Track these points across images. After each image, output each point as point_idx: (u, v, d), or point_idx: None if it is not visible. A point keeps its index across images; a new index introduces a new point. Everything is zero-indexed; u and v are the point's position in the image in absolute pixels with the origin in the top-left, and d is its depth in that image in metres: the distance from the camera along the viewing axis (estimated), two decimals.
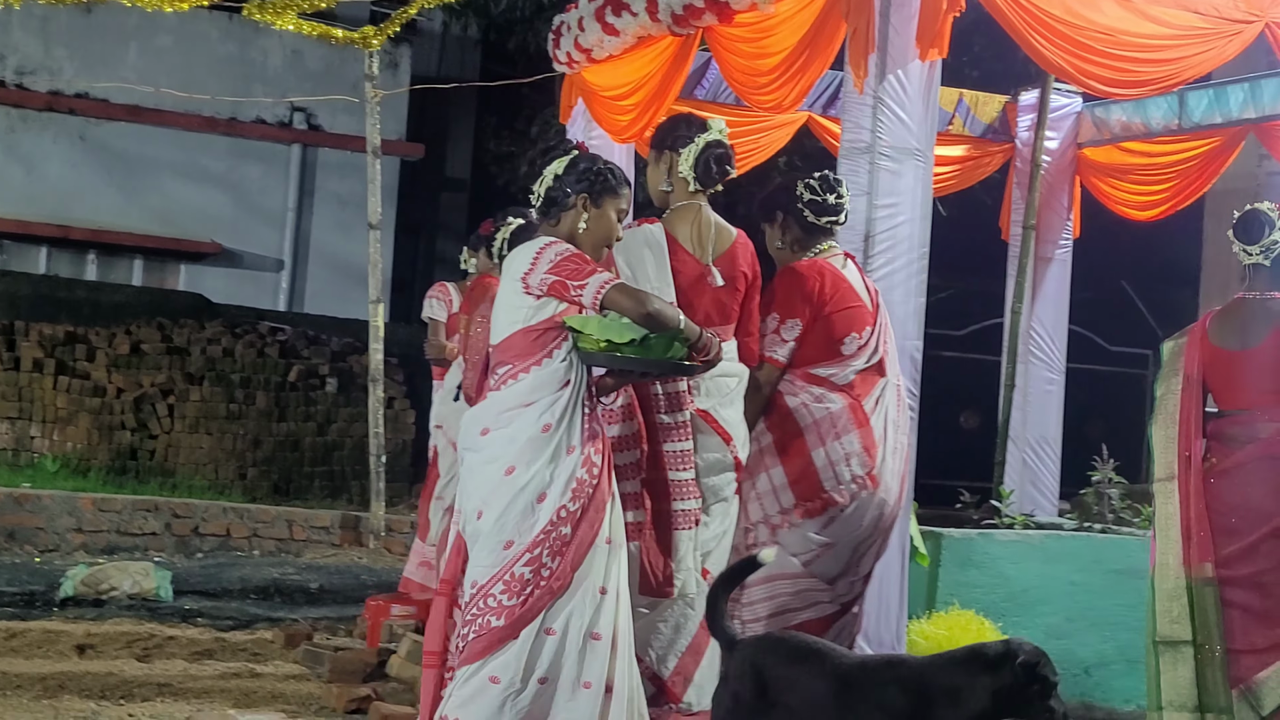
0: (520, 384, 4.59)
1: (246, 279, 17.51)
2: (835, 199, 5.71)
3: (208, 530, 11.40)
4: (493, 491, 4.53)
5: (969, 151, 9.69)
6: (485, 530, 4.53)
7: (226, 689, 6.54)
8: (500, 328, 4.65)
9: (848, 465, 5.47)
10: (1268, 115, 8.36)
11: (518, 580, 4.49)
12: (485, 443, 4.58)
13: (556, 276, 4.57)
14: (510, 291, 4.63)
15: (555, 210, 4.79)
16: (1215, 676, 5.32)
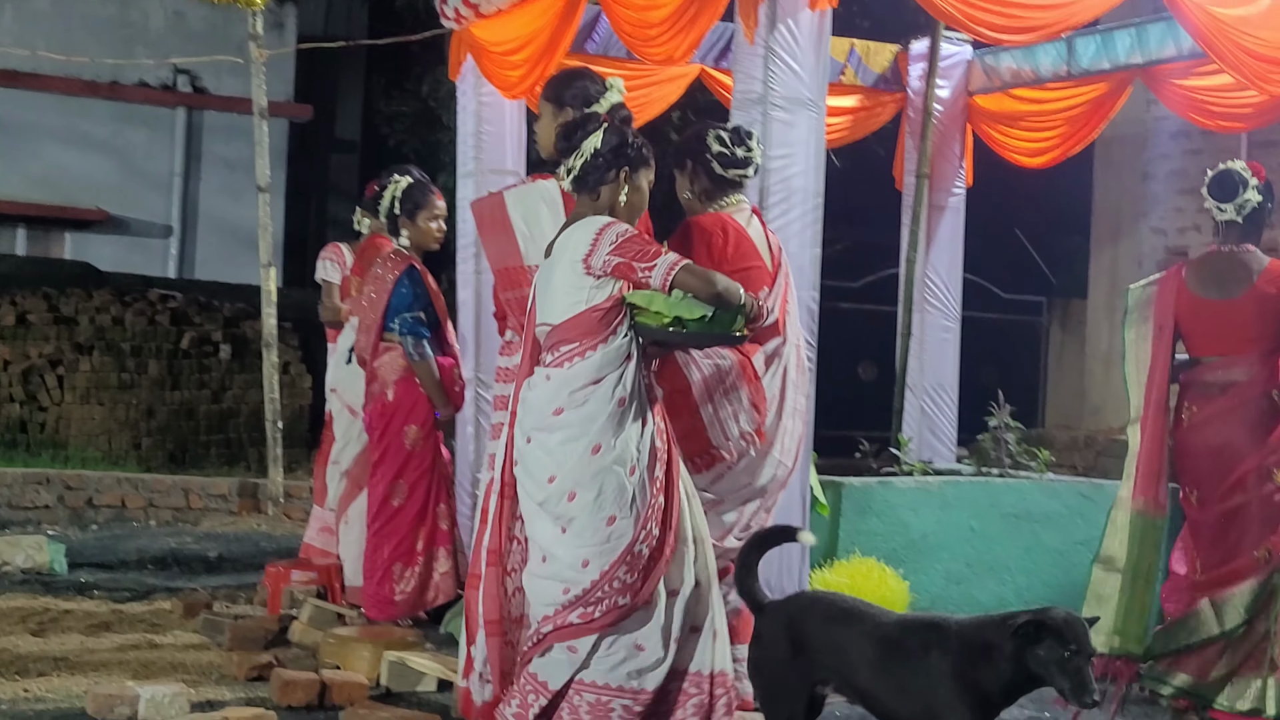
0: (588, 362, 4.64)
1: (134, 246, 17.23)
2: (745, 152, 5.67)
3: (102, 501, 11.24)
4: (582, 471, 4.59)
5: (861, 102, 9.70)
6: (582, 511, 4.60)
7: (125, 661, 6.45)
8: (560, 308, 4.68)
9: (735, 421, 5.43)
10: (1154, 60, 8.42)
11: (639, 559, 4.60)
12: (561, 422, 4.63)
13: (621, 258, 4.62)
14: (570, 273, 4.66)
15: (594, 184, 4.81)
16: (1135, 606, 5.82)
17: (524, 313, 5.22)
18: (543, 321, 4.76)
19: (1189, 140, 12.13)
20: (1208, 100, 8.22)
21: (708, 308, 4.64)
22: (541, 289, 4.80)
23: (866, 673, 4.49)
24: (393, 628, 6.76)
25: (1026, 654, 4.27)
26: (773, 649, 4.64)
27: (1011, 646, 4.29)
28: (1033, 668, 4.28)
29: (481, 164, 8.52)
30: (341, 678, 5.88)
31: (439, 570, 7.10)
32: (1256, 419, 5.80)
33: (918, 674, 4.39)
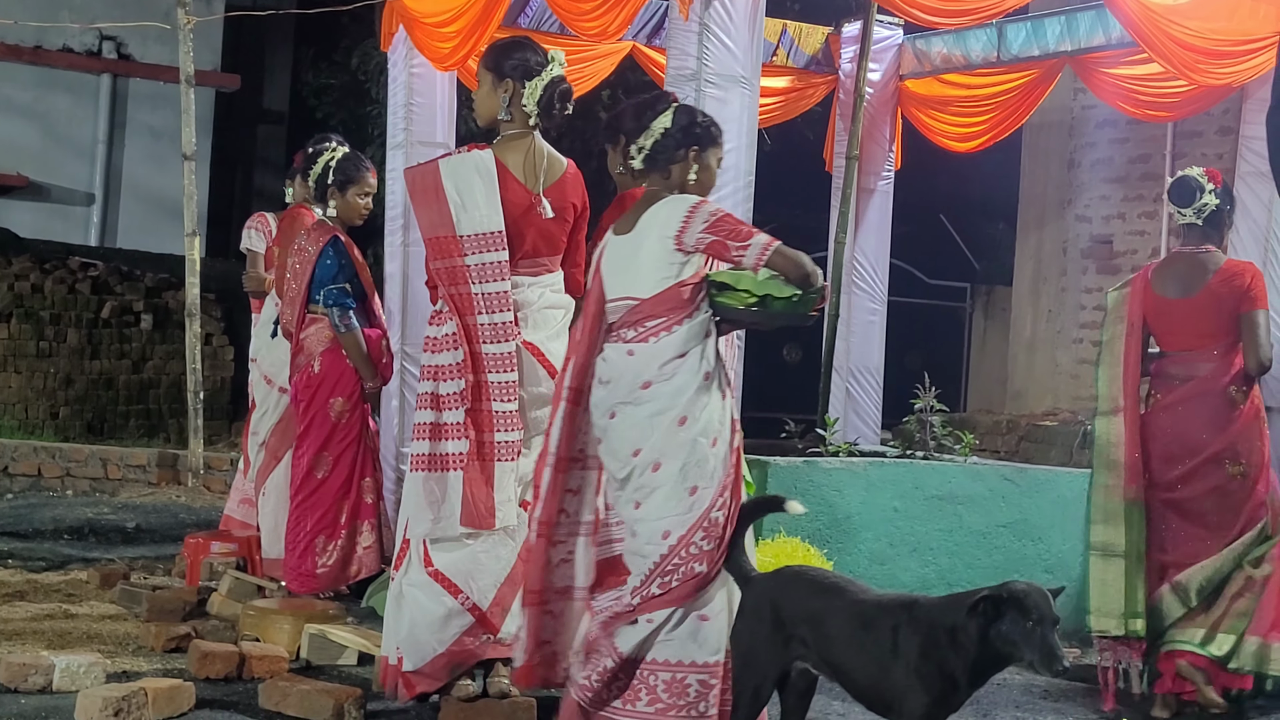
0: (674, 336, 4.68)
1: (55, 213, 17.00)
2: None
3: (18, 470, 11.09)
4: (668, 443, 4.64)
5: (792, 83, 9.74)
6: (667, 481, 4.65)
7: (40, 630, 6.35)
8: (649, 284, 4.71)
9: None
10: (1083, 48, 8.51)
11: (715, 525, 4.65)
12: (649, 395, 4.68)
13: (715, 236, 4.64)
14: (660, 249, 4.69)
15: (664, 163, 4.86)
16: (1134, 584, 6.16)
17: (453, 282, 5.21)
18: (623, 296, 4.77)
19: (1115, 129, 12.25)
20: (1136, 89, 8.31)
21: (795, 288, 4.68)
22: (617, 265, 4.81)
23: (840, 649, 4.48)
24: (314, 600, 6.71)
25: (990, 631, 4.24)
26: (753, 621, 4.63)
27: (974, 626, 4.26)
28: (998, 644, 4.25)
29: (411, 135, 8.48)
30: (261, 650, 5.82)
31: (362, 544, 7.05)
32: (1213, 411, 6.12)
33: (886, 653, 4.38)
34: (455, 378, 5.23)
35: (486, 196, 5.24)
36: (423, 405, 5.34)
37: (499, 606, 5.20)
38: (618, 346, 4.77)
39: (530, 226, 5.28)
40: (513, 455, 5.18)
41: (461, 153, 5.41)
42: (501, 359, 5.20)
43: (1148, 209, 12.12)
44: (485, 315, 5.19)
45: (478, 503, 5.16)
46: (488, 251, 5.21)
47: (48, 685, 5.28)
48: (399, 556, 5.39)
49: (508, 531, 5.20)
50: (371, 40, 15.61)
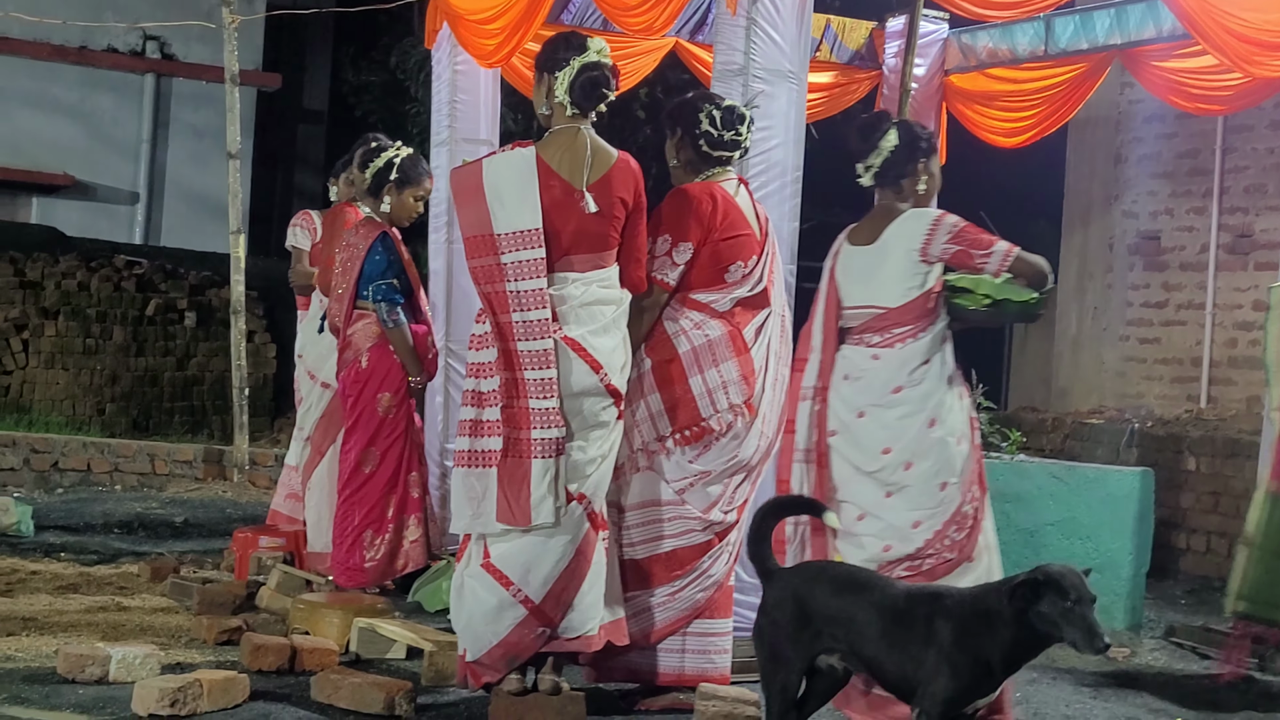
0: (920, 342, 5.00)
1: (101, 212, 17.12)
2: (733, 135, 5.59)
3: (68, 465, 11.15)
4: (919, 443, 4.96)
5: (836, 79, 9.71)
6: (918, 479, 4.97)
7: (94, 622, 6.41)
8: (895, 294, 5.01)
9: (725, 393, 5.42)
10: (1133, 41, 8.44)
11: (967, 517, 4.98)
12: (899, 399, 4.99)
13: (959, 246, 4.96)
14: (905, 262, 4.99)
15: (895, 178, 5.15)
16: (1260, 575, 6.26)
17: (489, 280, 5.22)
18: (867, 305, 5.03)
19: (1163, 124, 12.17)
20: (1187, 82, 8.23)
21: (1033, 291, 4.99)
22: (857, 274, 5.07)
23: (873, 642, 4.52)
24: (362, 595, 6.73)
25: (1029, 614, 4.31)
26: (778, 616, 4.65)
27: (1011, 610, 4.33)
28: (1038, 626, 4.32)
29: (455, 132, 8.50)
30: (311, 643, 5.85)
31: (409, 538, 7.07)
32: None
33: (920, 643, 4.42)
34: (493, 375, 5.24)
35: (523, 194, 5.23)
36: (466, 402, 5.35)
37: (555, 600, 5.18)
38: (861, 350, 5.08)
39: (569, 222, 5.26)
40: (551, 452, 5.17)
41: (505, 151, 5.41)
42: (537, 356, 5.19)
43: (1196, 205, 12.04)
44: (519, 313, 5.19)
45: (510, 500, 5.16)
46: (523, 249, 5.20)
47: (104, 676, 5.33)
48: (460, 549, 5.41)
49: (564, 526, 5.19)
50: (410, 39, 15.67)
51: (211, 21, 13.03)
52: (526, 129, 13.83)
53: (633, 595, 5.44)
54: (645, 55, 9.24)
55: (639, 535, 5.46)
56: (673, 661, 5.52)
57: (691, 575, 5.45)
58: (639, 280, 5.40)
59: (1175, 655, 7.31)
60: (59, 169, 16.93)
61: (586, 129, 5.38)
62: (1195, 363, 11.89)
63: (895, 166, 5.13)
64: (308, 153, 20.31)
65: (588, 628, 5.24)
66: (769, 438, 5.56)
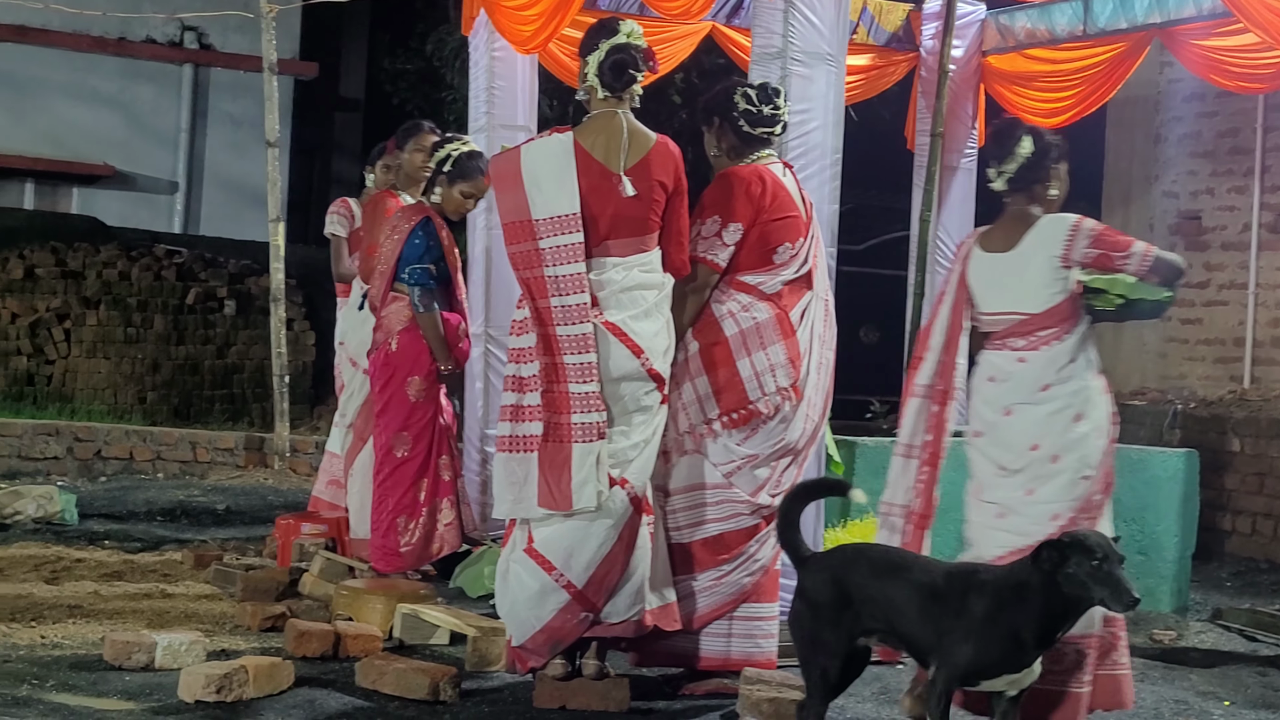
0: (1065, 344, 5.05)
1: (141, 201, 17.20)
2: (771, 110, 5.62)
3: (110, 454, 11.23)
4: (1065, 438, 5.02)
5: (873, 61, 9.67)
6: (1063, 472, 5.02)
7: (139, 610, 6.45)
8: (1040, 300, 5.07)
9: (772, 376, 5.44)
10: (1173, 20, 8.38)
11: (1094, 506, 5.03)
12: (1048, 396, 5.04)
13: (1099, 250, 5.03)
14: (1047, 268, 5.06)
15: (1029, 183, 5.19)
16: None
17: (527, 266, 5.25)
18: (1007, 311, 5.11)
19: (1203, 103, 12.08)
20: (1227, 60, 8.17)
21: (1166, 289, 5.13)
22: (994, 281, 5.14)
23: (912, 620, 4.55)
24: (404, 580, 6.75)
25: (1059, 578, 4.36)
26: (816, 600, 4.66)
27: (1039, 576, 4.38)
28: (1066, 590, 4.36)
29: (493, 119, 8.50)
30: (355, 629, 5.88)
31: (443, 521, 7.07)
32: None
33: (956, 621, 4.44)
34: (533, 360, 5.26)
35: (561, 179, 5.25)
36: (507, 387, 5.37)
37: (598, 585, 5.20)
38: (1005, 354, 5.12)
39: (610, 207, 5.27)
40: (593, 436, 5.18)
41: (543, 137, 5.43)
42: (576, 340, 5.20)
43: (1237, 184, 11.94)
44: (557, 298, 5.21)
45: (551, 485, 5.18)
46: (561, 234, 5.22)
47: (150, 663, 5.37)
48: (505, 535, 5.42)
49: (606, 511, 5.20)
50: (446, 26, 15.68)
51: (249, 11, 13.05)
52: (563, 115, 13.82)
53: (679, 579, 5.44)
54: (682, 40, 9.22)
55: (685, 519, 5.47)
56: (718, 645, 5.52)
57: (738, 559, 5.45)
58: (681, 264, 5.41)
59: (1222, 638, 7.27)
60: (99, 159, 17.03)
61: (624, 113, 5.39)
62: (1238, 343, 11.80)
63: (1029, 173, 5.17)
64: (345, 141, 20.36)
65: (632, 613, 5.25)
66: (814, 421, 5.57)
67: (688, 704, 5.45)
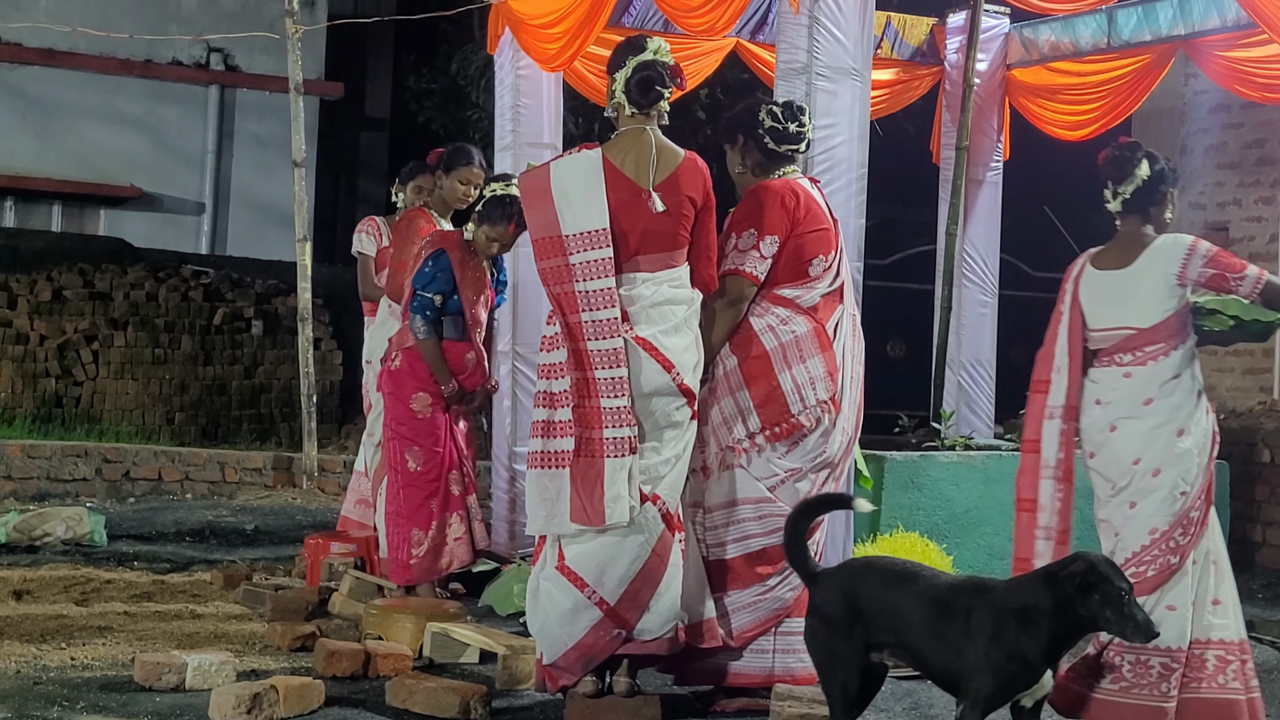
0: (1170, 359, 5.17)
1: (167, 222, 17.29)
2: (797, 127, 5.65)
3: (139, 475, 11.25)
4: (1167, 452, 5.12)
5: (898, 75, 9.68)
6: (1163, 486, 5.11)
7: (168, 630, 6.47)
8: (1151, 315, 5.18)
9: (813, 389, 5.45)
10: (1197, 32, 8.37)
11: (1192, 522, 5.12)
12: (1151, 410, 5.15)
13: (1215, 270, 5.14)
14: (1162, 285, 5.17)
15: (1145, 205, 5.30)
16: None
17: (558, 281, 5.27)
18: (1118, 326, 5.21)
19: (1228, 114, 12.05)
20: (1252, 71, 8.16)
21: (1277, 312, 5.26)
22: (1107, 298, 5.25)
23: (918, 634, 4.56)
24: (433, 599, 6.75)
25: (1079, 603, 4.37)
26: (830, 615, 4.67)
27: (1053, 600, 4.40)
28: (1086, 615, 4.39)
29: (519, 137, 8.52)
30: (385, 648, 5.88)
31: (452, 535, 7.05)
32: None
33: (962, 636, 4.46)
34: (564, 375, 5.27)
35: (590, 195, 5.28)
36: (538, 403, 5.38)
37: (630, 602, 5.20)
38: (1111, 370, 5.22)
39: (636, 222, 5.29)
40: (625, 451, 5.19)
41: (572, 153, 5.46)
42: (607, 355, 5.22)
43: (1264, 194, 11.91)
44: (588, 313, 5.22)
45: (584, 500, 5.18)
46: (591, 250, 5.24)
47: (180, 683, 5.38)
48: (536, 552, 5.42)
49: (638, 527, 5.20)
50: (471, 45, 15.73)
51: (275, 32, 13.14)
52: (588, 132, 13.85)
53: (724, 595, 5.45)
54: (706, 56, 9.23)
55: (729, 535, 5.47)
56: (762, 662, 5.52)
57: (782, 574, 5.45)
58: (710, 279, 5.42)
59: (1255, 651, 7.21)
60: (126, 181, 17.11)
61: (652, 129, 5.42)
62: (1267, 354, 11.75)
63: (1146, 195, 5.26)
64: (371, 160, 20.42)
65: (664, 630, 5.25)
66: (849, 434, 5.59)
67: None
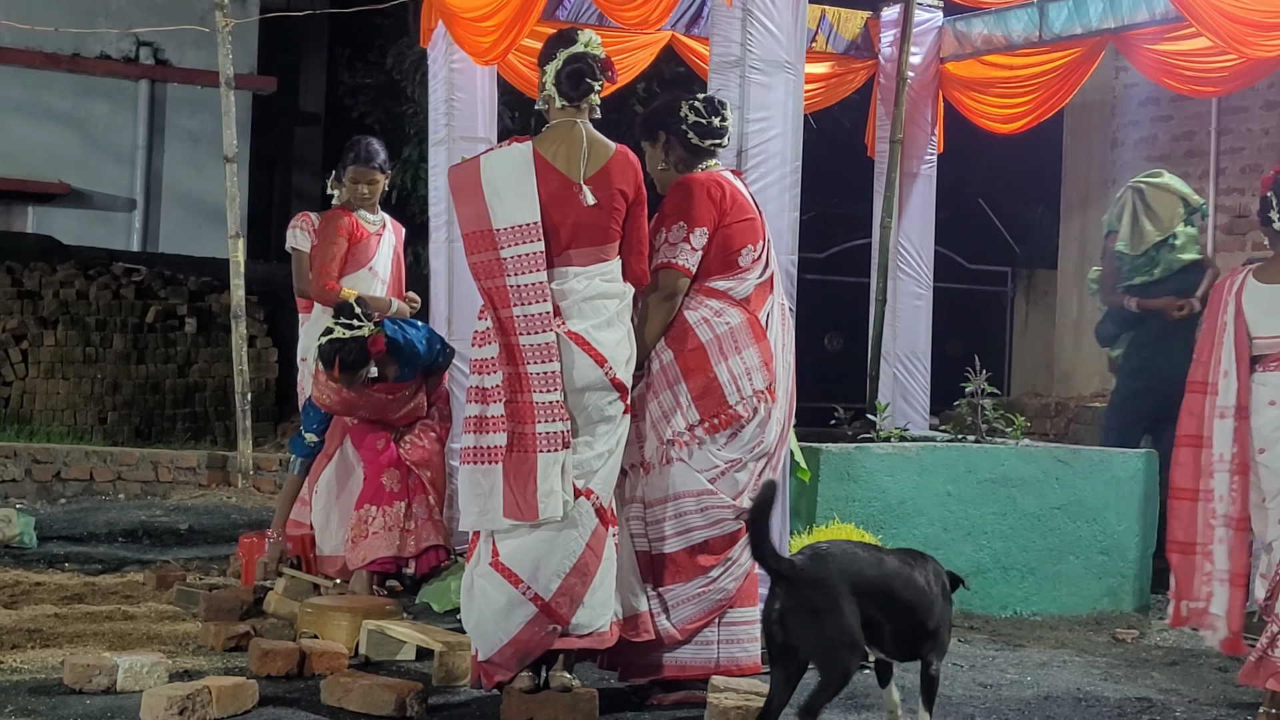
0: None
1: (98, 219, 17.10)
2: (720, 121, 5.67)
3: (70, 475, 11.13)
4: None
5: (832, 69, 9.70)
6: None
7: (100, 632, 6.39)
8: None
9: (749, 379, 5.46)
10: (1126, 25, 8.43)
11: None
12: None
13: None
14: None
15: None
16: None
17: (489, 276, 5.26)
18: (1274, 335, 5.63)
19: (1158, 106, 12.15)
20: (1181, 65, 8.23)
21: None
22: (1272, 309, 5.63)
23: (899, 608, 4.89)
24: (370, 596, 6.72)
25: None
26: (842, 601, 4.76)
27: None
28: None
29: (453, 131, 8.49)
30: (321, 647, 5.84)
31: (372, 529, 7.07)
32: None
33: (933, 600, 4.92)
34: (496, 370, 5.26)
35: (520, 188, 5.27)
36: (470, 398, 5.38)
37: (565, 597, 5.19)
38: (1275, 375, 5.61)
39: (567, 215, 5.28)
40: (558, 445, 5.18)
41: (502, 147, 5.44)
42: (539, 350, 5.21)
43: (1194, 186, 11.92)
44: (520, 307, 5.22)
45: (517, 495, 5.17)
46: (522, 244, 5.23)
47: (111, 685, 5.32)
48: (470, 548, 5.41)
49: (572, 521, 5.19)
50: (406, 39, 15.64)
51: (205, 26, 13.01)
52: (524, 126, 13.80)
53: (668, 589, 5.45)
54: (642, 50, 9.22)
55: (671, 528, 5.47)
56: (707, 653, 5.52)
57: (725, 564, 5.46)
58: (642, 273, 5.43)
59: (1184, 636, 7.29)
60: (54, 177, 16.91)
61: (583, 122, 5.42)
62: None
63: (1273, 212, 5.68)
64: (305, 155, 20.29)
65: (599, 624, 5.25)
66: (782, 424, 5.59)
67: (657, 714, 5.44)
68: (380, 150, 7.73)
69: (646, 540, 5.47)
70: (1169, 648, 7.06)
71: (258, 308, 13.63)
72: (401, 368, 7.03)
